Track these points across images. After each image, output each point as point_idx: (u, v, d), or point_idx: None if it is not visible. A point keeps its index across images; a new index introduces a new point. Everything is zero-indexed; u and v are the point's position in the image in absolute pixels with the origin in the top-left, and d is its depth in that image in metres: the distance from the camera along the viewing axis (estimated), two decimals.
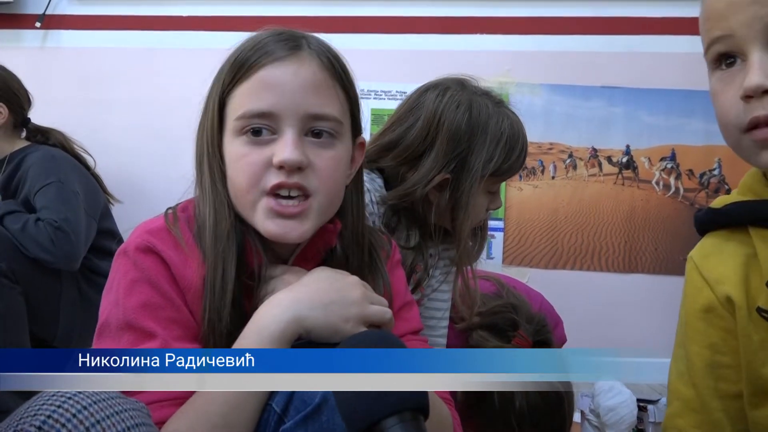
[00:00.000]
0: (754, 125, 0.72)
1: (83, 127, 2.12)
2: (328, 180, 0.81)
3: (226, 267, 0.78)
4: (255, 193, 0.79)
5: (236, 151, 0.80)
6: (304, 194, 0.80)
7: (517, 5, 2.50)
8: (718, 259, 0.84)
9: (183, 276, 0.78)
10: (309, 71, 0.80)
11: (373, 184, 1.16)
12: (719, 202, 0.86)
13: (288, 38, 0.82)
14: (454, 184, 1.14)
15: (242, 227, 0.82)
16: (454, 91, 1.16)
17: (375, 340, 0.66)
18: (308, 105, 0.79)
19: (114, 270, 0.80)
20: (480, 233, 1.27)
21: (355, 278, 0.80)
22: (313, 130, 0.80)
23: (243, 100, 0.80)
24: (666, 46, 2.39)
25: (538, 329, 1.34)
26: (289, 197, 0.79)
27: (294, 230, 0.79)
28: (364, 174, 1.15)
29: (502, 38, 2.50)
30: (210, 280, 0.78)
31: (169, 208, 0.86)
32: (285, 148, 0.78)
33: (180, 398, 0.73)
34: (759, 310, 0.80)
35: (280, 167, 0.78)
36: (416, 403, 0.60)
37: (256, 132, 0.79)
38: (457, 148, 1.13)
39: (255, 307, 0.78)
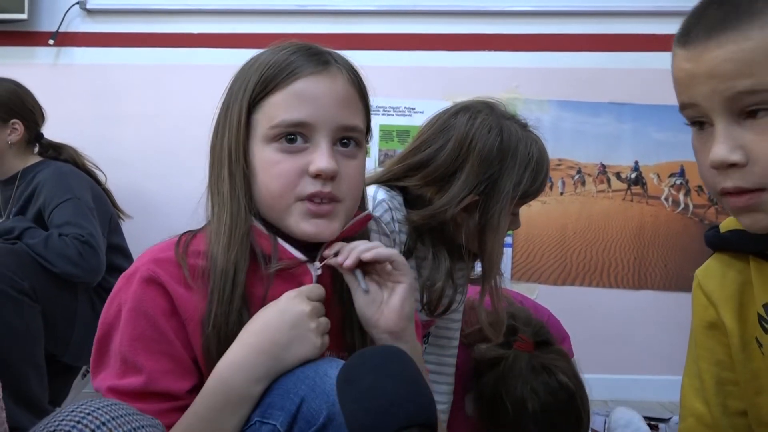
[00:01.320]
0: (726, 193, 0.72)
1: (95, 143, 2.13)
2: (353, 187, 0.85)
3: (238, 272, 0.80)
4: (289, 198, 0.82)
5: (269, 158, 0.82)
6: (335, 200, 0.83)
7: (525, 22, 2.51)
8: (718, 282, 0.85)
9: (186, 307, 0.79)
10: (341, 85, 0.84)
11: (393, 202, 1.15)
12: (726, 225, 0.86)
13: (316, 53, 0.86)
14: (483, 207, 1.15)
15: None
16: (485, 115, 1.17)
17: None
18: (341, 117, 0.83)
19: (116, 292, 0.81)
20: None
21: (295, 303, 0.78)
22: (342, 140, 0.84)
23: (277, 110, 0.82)
24: None
25: (536, 330, 1.35)
26: (321, 202, 0.82)
27: (327, 229, 0.82)
28: (385, 191, 1.16)
29: (511, 55, 2.51)
30: (219, 287, 0.79)
31: (186, 233, 0.87)
32: (322, 157, 0.81)
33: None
34: (757, 341, 0.80)
35: (317, 175, 0.81)
36: (424, 420, 0.59)
37: (291, 140, 0.82)
38: (488, 171, 1.14)
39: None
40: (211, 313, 0.78)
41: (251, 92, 0.84)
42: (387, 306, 0.83)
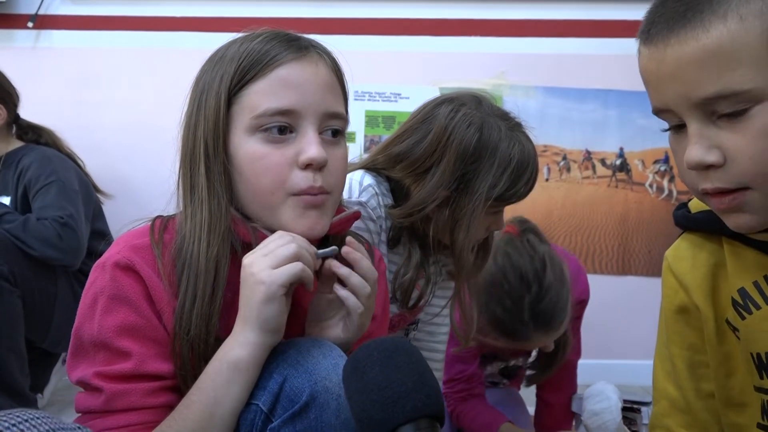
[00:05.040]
0: (707, 194, 0.70)
1: (75, 127, 2.11)
2: (340, 178, 0.83)
3: (219, 271, 0.77)
4: (280, 194, 0.79)
5: (253, 150, 0.79)
6: (324, 192, 0.80)
7: (512, 7, 2.50)
8: (689, 264, 0.83)
9: (160, 297, 0.77)
10: (324, 71, 0.82)
11: (380, 188, 1.13)
12: (696, 204, 0.84)
13: (294, 39, 0.83)
14: (454, 204, 1.10)
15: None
16: (468, 109, 1.11)
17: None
18: (326, 103, 0.81)
19: (91, 282, 0.79)
20: (483, 250, 1.22)
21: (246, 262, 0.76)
22: (327, 128, 0.81)
23: (261, 99, 0.79)
24: None
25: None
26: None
27: (318, 224, 0.80)
28: (371, 176, 1.13)
29: (497, 40, 2.50)
30: (200, 289, 0.76)
31: (158, 217, 0.84)
32: (311, 146, 0.78)
33: (150, 423, 0.73)
34: (728, 322, 0.80)
35: (307, 165, 0.78)
36: (432, 411, 0.59)
37: (281, 130, 0.79)
38: (463, 168, 1.09)
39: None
40: (183, 317, 0.76)
41: (229, 83, 0.80)
42: (343, 321, 0.81)
